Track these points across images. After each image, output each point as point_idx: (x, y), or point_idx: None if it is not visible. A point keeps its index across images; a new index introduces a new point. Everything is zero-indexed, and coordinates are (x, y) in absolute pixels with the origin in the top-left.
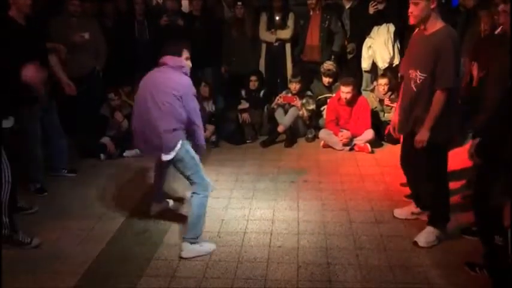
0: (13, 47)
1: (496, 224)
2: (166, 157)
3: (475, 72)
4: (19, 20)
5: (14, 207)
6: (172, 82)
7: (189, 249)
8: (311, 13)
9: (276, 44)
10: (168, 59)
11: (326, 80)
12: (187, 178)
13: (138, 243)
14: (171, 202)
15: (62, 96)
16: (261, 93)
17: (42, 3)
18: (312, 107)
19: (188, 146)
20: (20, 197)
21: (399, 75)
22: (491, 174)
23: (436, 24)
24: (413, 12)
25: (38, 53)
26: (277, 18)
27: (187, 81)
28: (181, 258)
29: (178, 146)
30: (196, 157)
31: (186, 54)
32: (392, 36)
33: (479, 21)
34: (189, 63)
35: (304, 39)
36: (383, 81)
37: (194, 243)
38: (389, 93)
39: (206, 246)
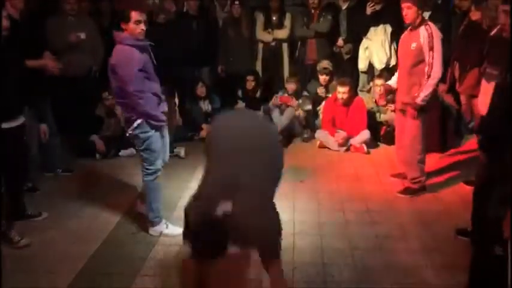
0: (9, 42)
1: (496, 234)
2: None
3: (457, 73)
4: (14, 15)
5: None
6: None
7: (154, 229)
8: (312, 12)
9: (273, 44)
10: (115, 34)
11: (323, 78)
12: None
13: (133, 243)
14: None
15: (58, 96)
16: (258, 93)
17: (38, 1)
18: (309, 107)
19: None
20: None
21: None
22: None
23: None
24: None
25: (32, 48)
26: (274, 18)
27: (120, 48)
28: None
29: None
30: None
31: (135, 16)
32: (389, 37)
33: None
34: (140, 27)
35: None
36: (379, 82)
37: (155, 225)
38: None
39: (171, 229)
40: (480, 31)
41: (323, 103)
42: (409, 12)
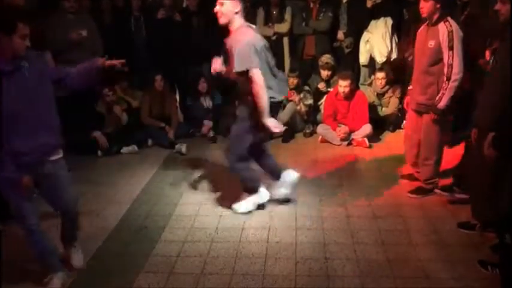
0: None
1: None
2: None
3: None
4: None
5: None
6: None
7: None
8: (311, 6)
9: (274, 38)
10: None
11: (324, 73)
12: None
13: (135, 240)
14: None
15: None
16: None
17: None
18: (310, 101)
19: None
20: None
21: None
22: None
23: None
24: None
25: (33, 47)
26: (274, 12)
27: None
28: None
29: None
30: None
31: (22, 30)
32: (390, 30)
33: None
34: (26, 43)
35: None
36: (380, 75)
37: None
38: (387, 86)
39: None
40: (481, 22)
41: (324, 98)
42: (425, 5)
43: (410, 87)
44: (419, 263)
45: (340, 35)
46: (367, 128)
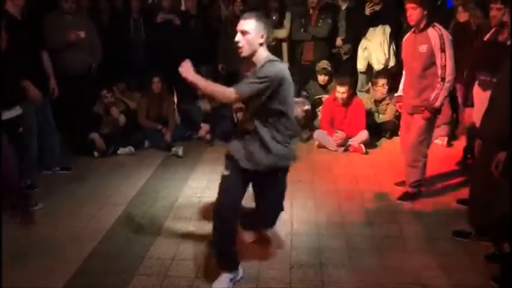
0: (10, 40)
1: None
2: None
3: None
4: (15, 14)
5: None
6: None
7: None
8: (311, 12)
9: (273, 43)
10: None
11: (321, 78)
12: None
13: (130, 242)
14: None
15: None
16: None
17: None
18: (307, 107)
19: None
20: None
21: None
22: None
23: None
24: None
25: (32, 47)
26: (273, 17)
27: None
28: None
29: None
30: None
31: None
32: (388, 37)
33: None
34: None
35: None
36: (382, 81)
37: None
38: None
39: None
40: (469, 33)
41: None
42: (414, 13)
43: (398, 94)
44: (414, 270)
45: (339, 41)
46: (363, 135)
